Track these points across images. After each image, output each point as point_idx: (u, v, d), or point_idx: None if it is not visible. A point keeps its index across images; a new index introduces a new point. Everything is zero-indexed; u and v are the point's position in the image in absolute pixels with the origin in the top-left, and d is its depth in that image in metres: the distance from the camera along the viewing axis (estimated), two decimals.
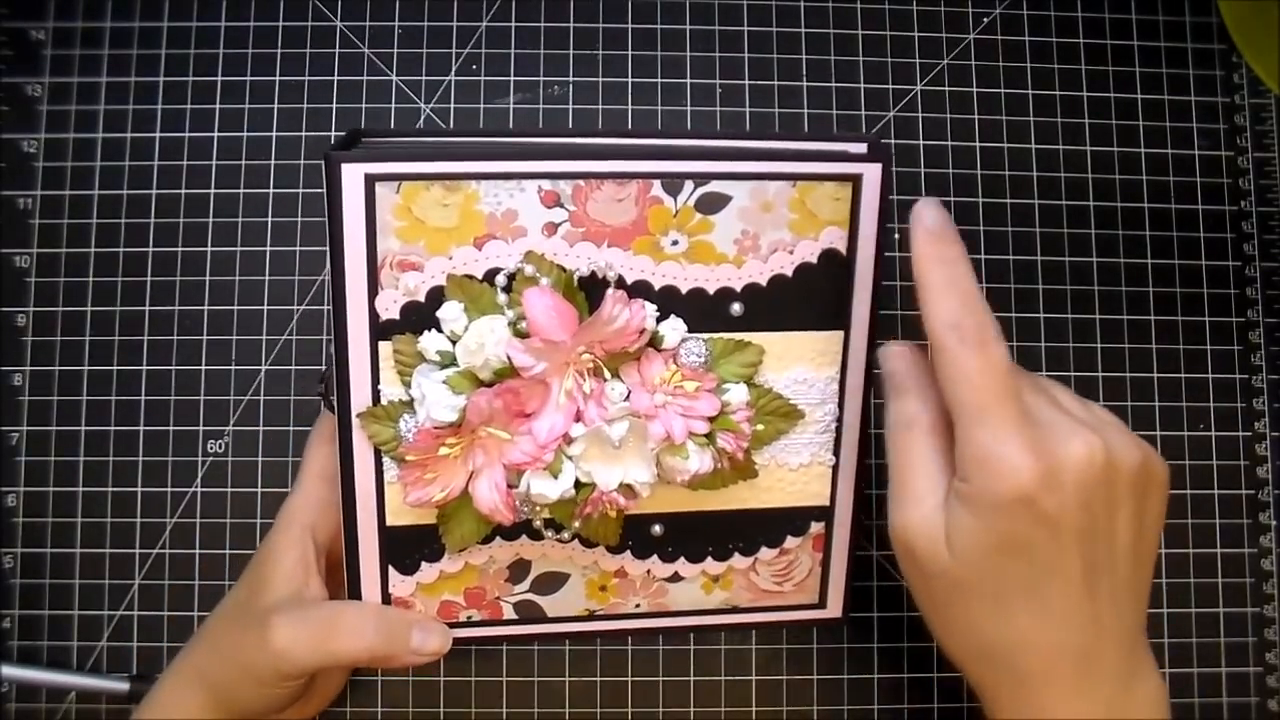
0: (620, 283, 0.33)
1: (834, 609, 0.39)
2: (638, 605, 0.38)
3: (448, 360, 0.33)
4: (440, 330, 0.33)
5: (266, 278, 0.44)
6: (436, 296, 0.33)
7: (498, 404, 0.33)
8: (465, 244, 0.33)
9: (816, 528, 0.37)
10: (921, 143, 0.45)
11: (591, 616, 0.38)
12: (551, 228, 0.33)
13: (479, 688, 0.43)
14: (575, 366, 0.33)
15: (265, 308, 0.44)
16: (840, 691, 0.43)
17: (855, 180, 0.34)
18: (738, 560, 0.37)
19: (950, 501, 0.29)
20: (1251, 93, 0.46)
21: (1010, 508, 0.27)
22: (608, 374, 0.33)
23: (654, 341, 0.34)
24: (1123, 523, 0.29)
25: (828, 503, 0.37)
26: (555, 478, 0.34)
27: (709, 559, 0.37)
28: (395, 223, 0.33)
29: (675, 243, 0.34)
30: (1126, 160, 0.46)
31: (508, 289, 0.33)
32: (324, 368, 0.40)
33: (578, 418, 0.33)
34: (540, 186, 0.33)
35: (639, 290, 0.34)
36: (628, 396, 0.33)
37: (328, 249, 0.33)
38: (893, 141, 0.45)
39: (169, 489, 0.43)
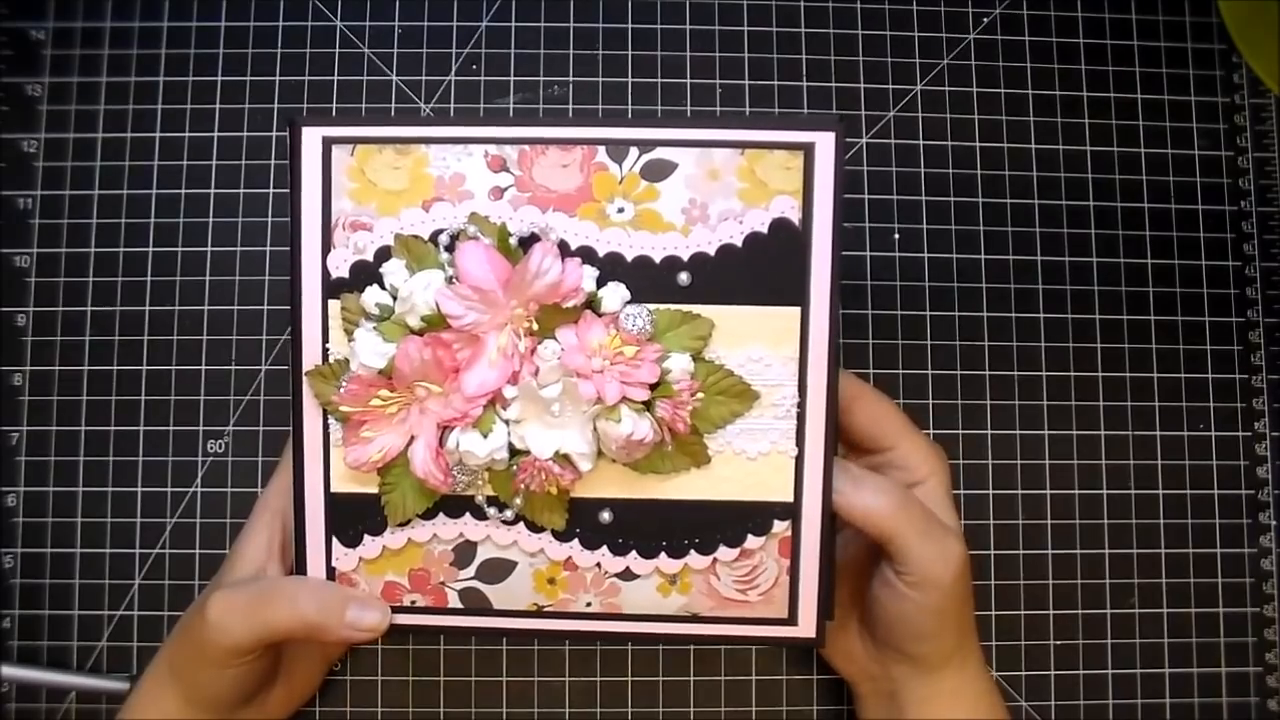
0: (563, 245, 0.34)
1: (806, 627, 0.36)
2: (589, 604, 0.36)
3: (386, 314, 0.34)
4: (383, 286, 0.34)
5: (266, 278, 0.44)
6: (384, 256, 0.34)
7: (428, 354, 0.33)
8: (414, 206, 0.34)
9: (781, 527, 0.35)
10: (921, 143, 0.45)
11: (540, 613, 0.36)
12: (498, 191, 0.34)
13: (479, 688, 0.43)
14: (512, 325, 0.33)
15: (265, 308, 0.44)
16: (841, 691, 0.43)
17: (808, 149, 0.34)
18: (695, 559, 0.35)
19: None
20: (1251, 93, 0.46)
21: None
22: (537, 329, 0.33)
23: (593, 305, 0.34)
24: None
25: (791, 499, 0.35)
26: (484, 436, 0.33)
27: (663, 554, 0.35)
28: (349, 184, 0.34)
29: (621, 210, 0.34)
30: (1126, 160, 0.46)
31: (450, 248, 0.34)
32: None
33: (514, 380, 0.33)
34: (487, 151, 0.34)
35: (583, 255, 0.34)
36: (561, 355, 0.33)
37: (289, 210, 0.35)
38: (892, 142, 0.45)
39: (169, 489, 0.43)
